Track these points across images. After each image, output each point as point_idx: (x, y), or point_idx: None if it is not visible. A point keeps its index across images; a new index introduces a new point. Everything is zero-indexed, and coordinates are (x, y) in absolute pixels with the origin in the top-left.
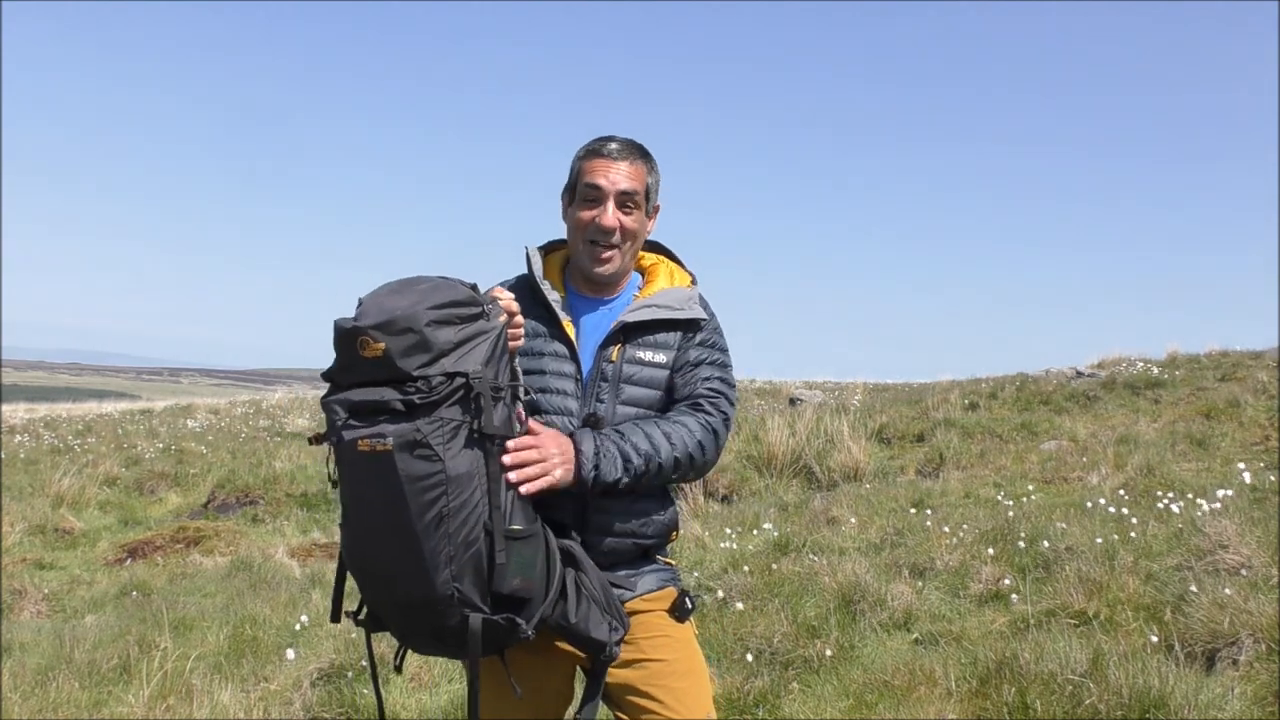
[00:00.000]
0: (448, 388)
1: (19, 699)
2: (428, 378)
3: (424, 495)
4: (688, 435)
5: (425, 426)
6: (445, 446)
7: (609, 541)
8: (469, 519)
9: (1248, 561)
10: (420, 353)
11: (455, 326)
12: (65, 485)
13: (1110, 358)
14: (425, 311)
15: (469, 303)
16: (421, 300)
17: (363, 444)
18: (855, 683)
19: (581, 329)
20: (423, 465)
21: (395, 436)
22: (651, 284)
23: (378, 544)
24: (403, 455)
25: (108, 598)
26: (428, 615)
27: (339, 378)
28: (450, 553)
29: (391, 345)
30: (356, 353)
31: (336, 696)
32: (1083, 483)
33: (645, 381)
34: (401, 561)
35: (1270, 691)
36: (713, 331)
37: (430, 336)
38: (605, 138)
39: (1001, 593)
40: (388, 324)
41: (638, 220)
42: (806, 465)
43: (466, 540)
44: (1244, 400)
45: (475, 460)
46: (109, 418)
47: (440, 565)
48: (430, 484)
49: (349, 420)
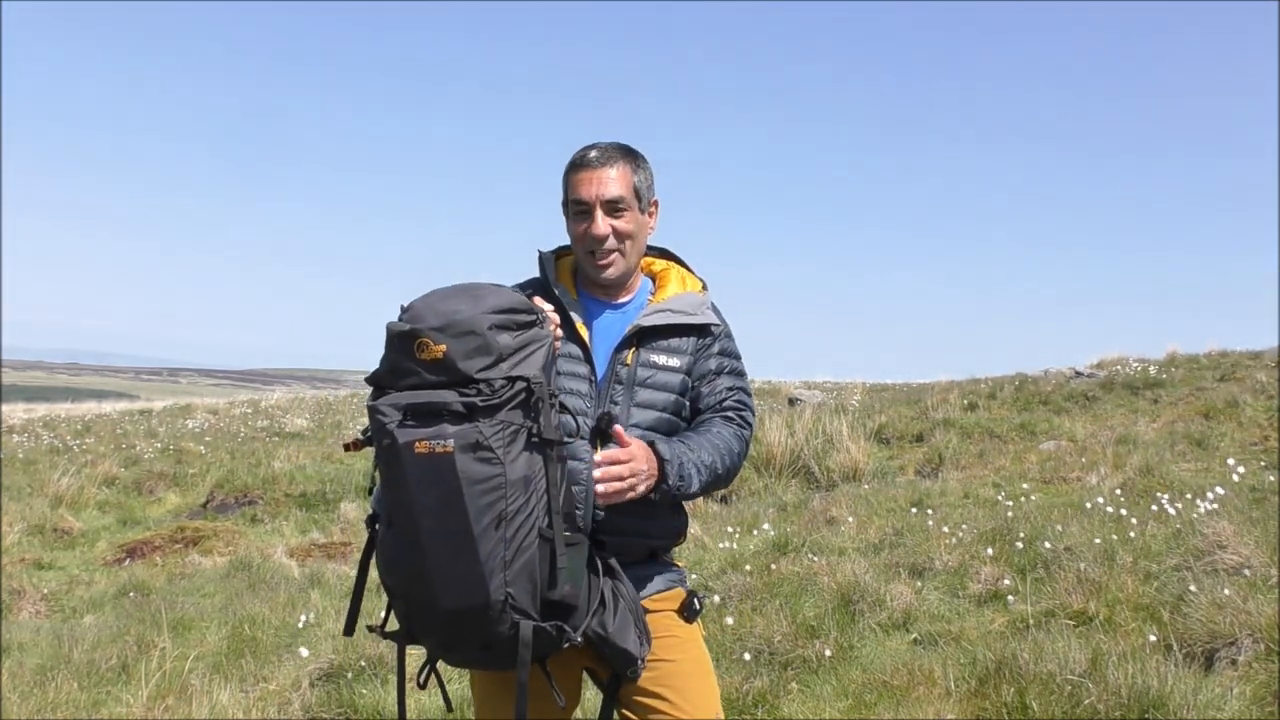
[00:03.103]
0: (510, 391)
1: (18, 699)
2: (490, 380)
3: (483, 498)
4: (730, 448)
5: (487, 428)
6: (506, 449)
7: (620, 541)
8: (524, 524)
9: (1247, 561)
10: (482, 355)
11: (513, 332)
12: (64, 485)
13: (1109, 358)
14: (486, 315)
15: (526, 309)
16: (480, 304)
17: (421, 445)
18: (854, 683)
19: (595, 331)
20: (483, 468)
21: (457, 438)
22: (664, 289)
23: (430, 550)
24: (464, 457)
25: (106, 598)
26: (477, 623)
27: (388, 381)
28: (506, 557)
29: (453, 347)
30: (413, 355)
31: (336, 696)
32: (1082, 483)
33: (659, 385)
34: (454, 566)
35: (1269, 691)
36: (728, 339)
37: (491, 340)
38: (587, 147)
39: (1000, 593)
40: (449, 326)
41: (631, 221)
42: (805, 465)
43: (521, 545)
44: (1243, 400)
45: (533, 464)
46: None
47: (496, 569)
48: (490, 486)
49: (404, 422)
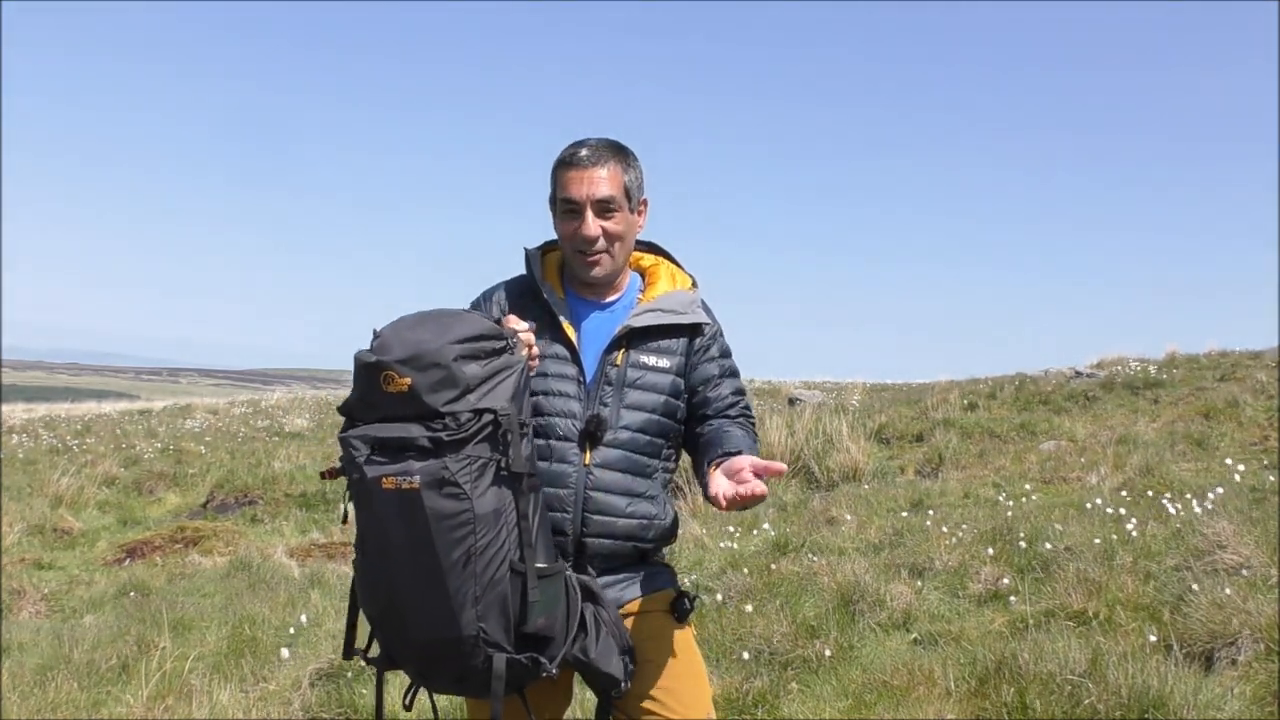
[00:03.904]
0: (476, 424)
1: (18, 699)
2: (456, 414)
3: (451, 534)
4: (755, 448)
5: (453, 464)
6: (473, 484)
7: (609, 544)
8: (495, 558)
9: (1247, 561)
10: (448, 388)
11: (481, 361)
12: (64, 485)
13: (1109, 358)
14: (452, 346)
15: (494, 336)
16: (446, 334)
17: (388, 481)
18: (854, 683)
19: (583, 332)
20: (451, 504)
21: (423, 474)
22: (653, 286)
23: (400, 583)
24: (430, 493)
25: (106, 598)
26: (451, 656)
27: (359, 413)
28: (476, 592)
29: (418, 380)
30: (380, 388)
31: (335, 697)
32: (1082, 483)
33: (649, 386)
34: (425, 601)
35: (1269, 691)
36: (721, 338)
37: (457, 371)
38: (577, 144)
39: (1000, 593)
40: (414, 358)
41: (621, 221)
42: (805, 465)
43: (493, 579)
44: (1243, 400)
45: (503, 498)
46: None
47: (466, 604)
48: (458, 522)
49: (372, 456)
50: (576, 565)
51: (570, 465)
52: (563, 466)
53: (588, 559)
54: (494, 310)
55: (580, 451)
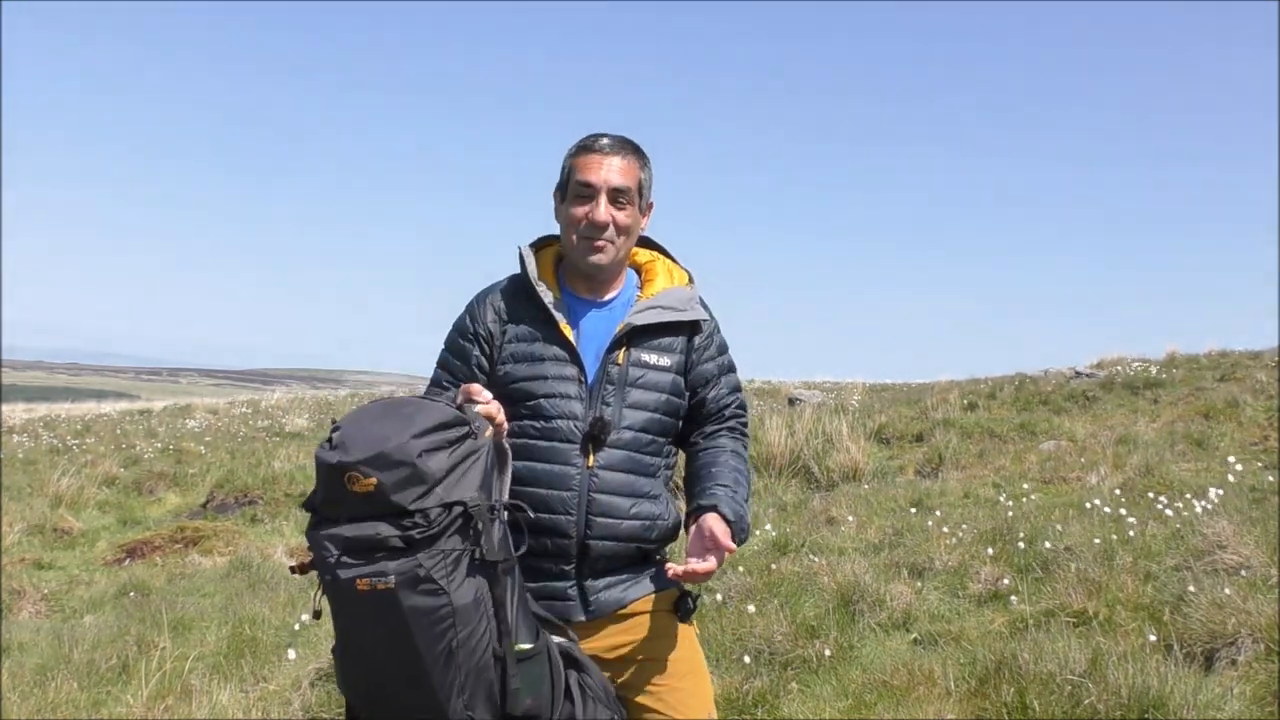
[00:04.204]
0: (447, 518)
1: (18, 699)
2: (425, 510)
3: (432, 629)
4: (747, 465)
5: (427, 561)
6: (449, 579)
7: (613, 546)
8: (478, 646)
9: (1246, 561)
10: (415, 485)
11: (446, 451)
12: (64, 485)
13: (1109, 358)
14: (415, 441)
15: (456, 423)
16: (408, 427)
17: (362, 584)
18: (854, 683)
19: (580, 331)
20: (429, 600)
21: (397, 574)
22: (651, 283)
23: (383, 679)
24: (406, 592)
25: (106, 598)
26: None
27: (325, 510)
28: (461, 682)
29: (384, 480)
30: (345, 487)
31: (336, 697)
32: (1081, 483)
33: (651, 385)
34: (411, 696)
35: (1269, 691)
36: (719, 334)
37: (423, 467)
38: (597, 134)
39: (1000, 593)
40: (378, 459)
41: (631, 216)
42: (805, 465)
43: (477, 666)
44: (1243, 400)
45: (479, 587)
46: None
47: (453, 695)
48: (438, 617)
49: (343, 558)
50: (579, 568)
51: (573, 468)
52: (565, 469)
53: (590, 561)
54: (488, 313)
55: (583, 454)
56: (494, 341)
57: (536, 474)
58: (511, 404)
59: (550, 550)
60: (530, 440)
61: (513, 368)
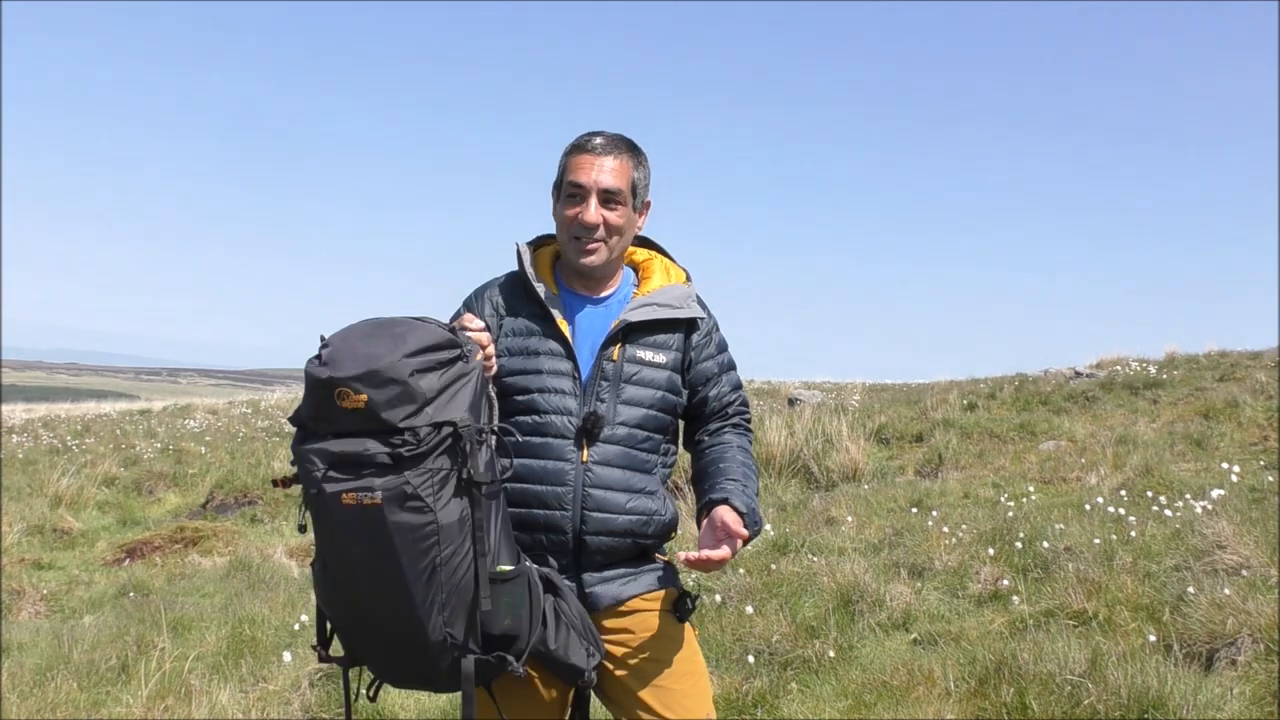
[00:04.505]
0: (435, 438)
1: (17, 699)
2: (415, 429)
3: (416, 546)
4: (755, 465)
5: (415, 479)
6: (435, 497)
7: (609, 540)
8: (460, 565)
9: (1246, 562)
10: (405, 404)
11: (437, 373)
12: (64, 485)
13: (1109, 358)
14: (407, 360)
15: (448, 345)
16: (400, 346)
17: (348, 498)
18: (854, 683)
19: (576, 326)
20: (414, 518)
21: (384, 490)
22: (647, 281)
23: (364, 595)
24: (393, 508)
25: (106, 598)
26: (418, 659)
27: (312, 425)
28: (443, 600)
29: (375, 397)
30: (334, 404)
31: (335, 697)
32: (1081, 483)
33: (646, 382)
34: (391, 610)
35: (1269, 691)
36: (718, 332)
37: (414, 386)
38: (592, 133)
39: (1000, 593)
40: (369, 376)
41: (623, 216)
42: (805, 465)
43: (458, 585)
44: (1243, 400)
45: (464, 508)
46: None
47: (433, 612)
48: (423, 535)
49: (330, 472)
50: (576, 563)
51: (568, 463)
52: (560, 464)
53: (587, 556)
54: (486, 308)
55: (577, 449)
56: (491, 335)
57: (531, 469)
58: (505, 398)
59: (546, 545)
60: (524, 436)
61: (508, 361)
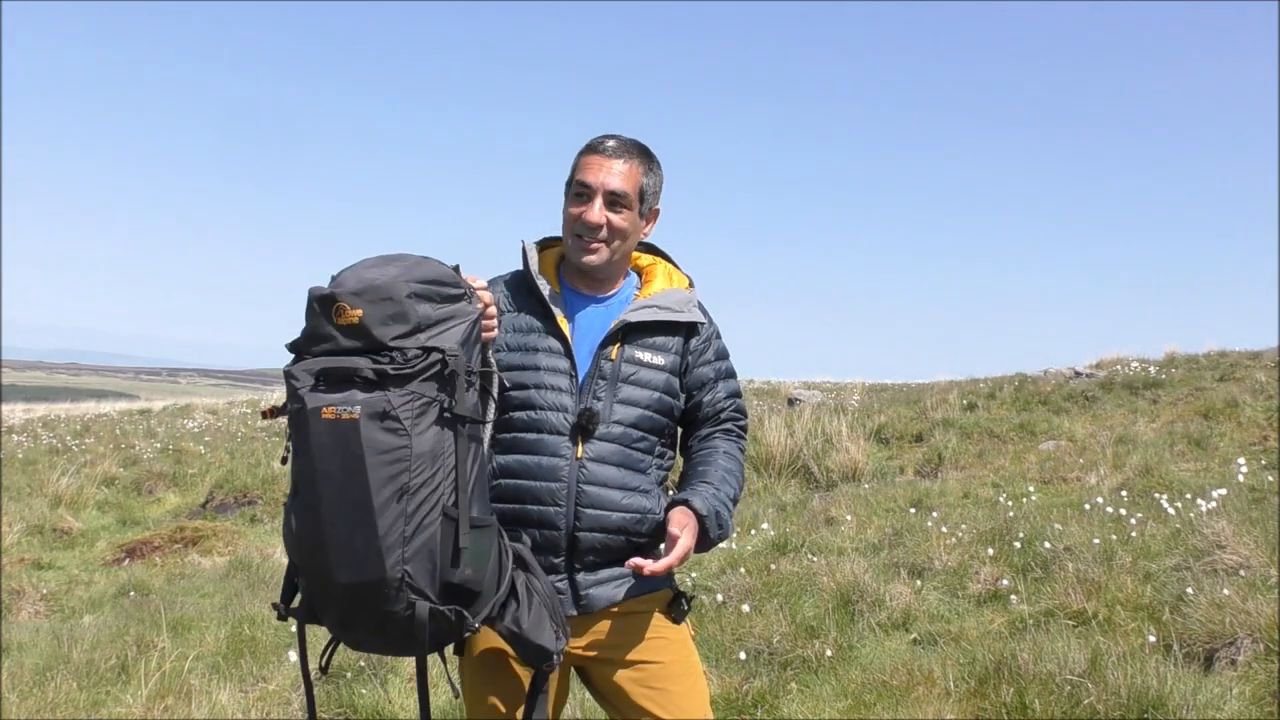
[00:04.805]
0: (423, 362)
1: (17, 699)
2: (403, 349)
3: (386, 469)
4: (740, 467)
5: (396, 398)
6: (414, 421)
7: (602, 538)
8: (427, 500)
9: (1246, 562)
10: (398, 323)
11: (435, 303)
12: (63, 485)
13: (1108, 358)
14: (406, 284)
15: (451, 282)
16: (404, 273)
17: (327, 411)
18: (854, 683)
19: (577, 325)
20: (389, 438)
21: (364, 405)
22: (650, 284)
23: (328, 520)
24: (369, 424)
25: (106, 598)
26: (373, 601)
27: (307, 346)
28: (405, 533)
29: (369, 313)
30: (330, 319)
31: (335, 696)
32: (1081, 483)
33: (643, 382)
34: (351, 539)
35: (1268, 691)
36: (718, 340)
37: (409, 308)
38: (607, 136)
39: (1000, 593)
40: (366, 290)
41: (627, 220)
42: (805, 465)
43: (422, 523)
44: (1242, 400)
45: (442, 440)
46: (107, 418)
47: (394, 545)
48: (394, 457)
49: (315, 387)
50: (569, 562)
51: (562, 459)
52: (555, 460)
53: (580, 554)
54: None
55: (572, 445)
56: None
57: (526, 465)
58: (503, 394)
59: (539, 542)
60: (519, 433)
61: (506, 356)
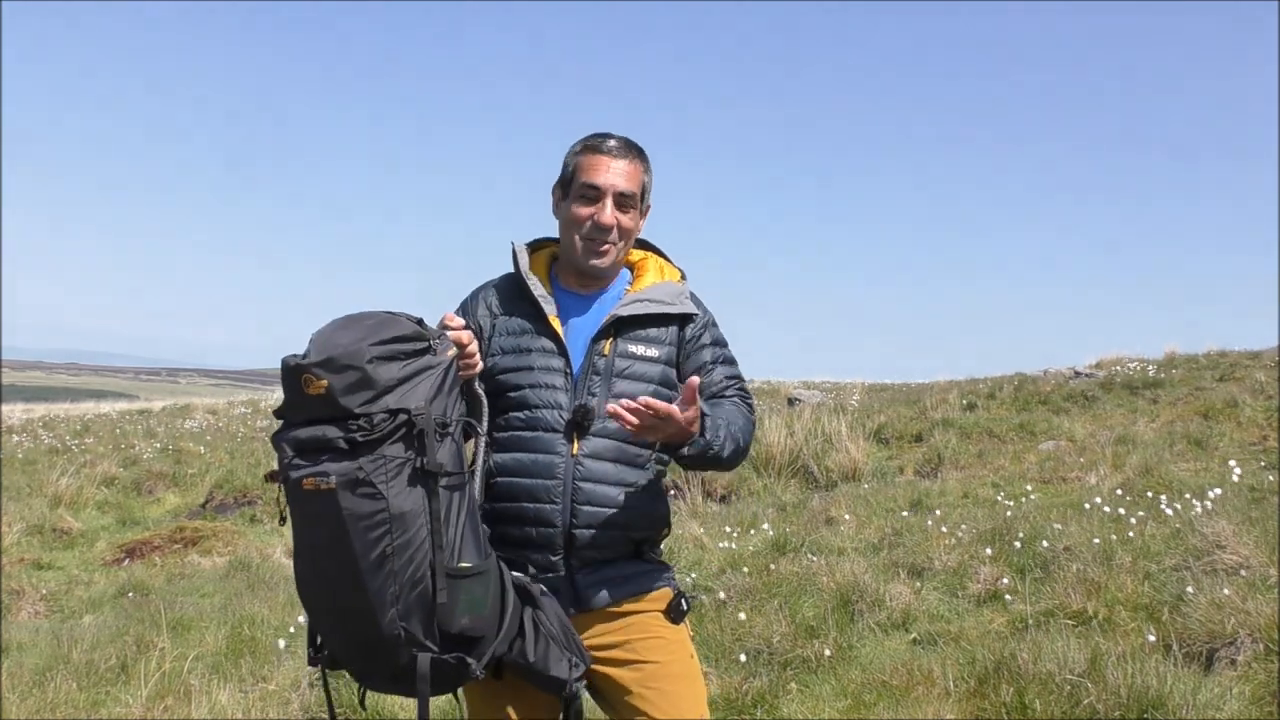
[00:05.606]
0: (390, 425)
1: (17, 699)
2: (370, 415)
3: (368, 534)
4: (748, 423)
5: (368, 464)
6: (388, 485)
7: (599, 534)
8: (414, 557)
9: (1246, 561)
10: (362, 390)
11: (399, 362)
12: (63, 485)
13: (1108, 358)
14: (368, 348)
15: (414, 338)
16: (365, 336)
17: (307, 482)
18: (853, 683)
19: (569, 324)
20: (366, 504)
21: (338, 475)
22: (641, 279)
23: (327, 583)
24: (345, 494)
25: (106, 598)
26: (380, 655)
27: (288, 415)
28: (396, 592)
29: (334, 382)
30: (301, 390)
31: (335, 697)
32: (1081, 483)
33: (637, 376)
34: (350, 601)
35: (1268, 691)
36: (714, 327)
37: (372, 373)
38: (602, 134)
39: (999, 593)
40: (329, 361)
41: (633, 219)
42: (805, 465)
43: (413, 579)
44: (1242, 400)
45: (419, 498)
46: (107, 418)
47: (386, 604)
48: (374, 522)
49: (294, 459)
50: (567, 561)
51: (558, 456)
52: (550, 458)
53: (577, 551)
54: (480, 309)
55: (568, 442)
56: (484, 334)
57: (522, 464)
58: (498, 395)
59: (536, 540)
60: (516, 431)
61: (500, 359)
